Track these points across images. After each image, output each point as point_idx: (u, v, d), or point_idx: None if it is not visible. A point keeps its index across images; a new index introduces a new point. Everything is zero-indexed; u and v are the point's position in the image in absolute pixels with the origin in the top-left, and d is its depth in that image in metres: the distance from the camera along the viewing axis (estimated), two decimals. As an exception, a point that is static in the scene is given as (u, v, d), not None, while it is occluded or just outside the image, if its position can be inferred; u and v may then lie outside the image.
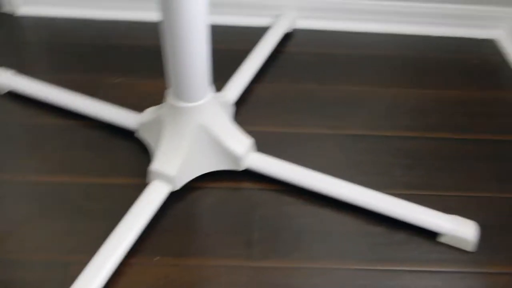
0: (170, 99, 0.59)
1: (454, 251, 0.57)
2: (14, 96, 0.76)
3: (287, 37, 0.93)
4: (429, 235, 0.58)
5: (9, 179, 0.63)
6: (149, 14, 0.96)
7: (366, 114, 0.76)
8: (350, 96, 0.80)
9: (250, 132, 0.71)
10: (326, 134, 0.72)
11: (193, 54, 0.53)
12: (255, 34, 0.93)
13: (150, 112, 0.66)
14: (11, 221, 0.58)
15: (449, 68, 0.87)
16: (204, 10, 0.50)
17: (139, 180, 0.63)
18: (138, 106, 0.75)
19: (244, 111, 0.76)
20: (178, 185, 0.60)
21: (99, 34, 0.92)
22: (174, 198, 0.61)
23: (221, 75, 0.80)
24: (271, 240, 0.57)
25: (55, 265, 0.54)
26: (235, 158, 0.61)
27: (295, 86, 0.81)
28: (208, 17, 0.51)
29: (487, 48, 0.92)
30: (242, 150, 0.61)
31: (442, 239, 0.58)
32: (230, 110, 0.72)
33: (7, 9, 0.97)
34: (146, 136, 0.67)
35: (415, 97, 0.80)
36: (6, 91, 0.77)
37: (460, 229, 0.57)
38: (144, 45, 0.90)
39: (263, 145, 0.69)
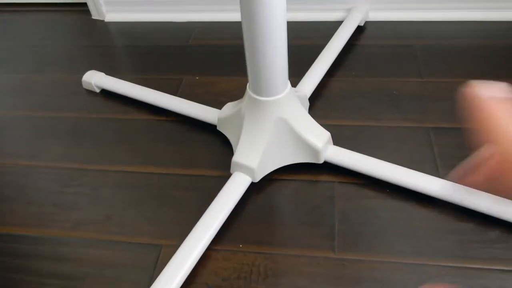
0: (249, 93, 0.61)
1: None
2: (107, 94, 0.84)
3: (360, 30, 0.91)
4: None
5: (106, 169, 0.70)
6: (223, 15, 1.00)
7: (448, 107, 0.73)
8: (430, 89, 0.76)
9: (325, 126, 0.71)
10: (406, 127, 0.70)
11: (273, 49, 0.54)
12: (328, 28, 0.93)
13: (230, 107, 0.69)
14: (112, 206, 0.64)
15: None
16: (283, 6, 0.51)
17: (220, 172, 0.67)
18: (215, 102, 0.79)
19: (319, 105, 0.76)
20: (258, 177, 0.62)
21: (177, 36, 0.98)
22: (253, 189, 0.63)
23: (295, 70, 0.81)
24: (353, 233, 0.57)
25: (149, 248, 0.58)
26: (315, 151, 0.61)
27: (371, 79, 0.80)
28: (286, 13, 0.52)
29: None
30: (321, 143, 0.61)
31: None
32: (306, 104, 0.72)
33: (96, 16, 1.07)
34: (226, 130, 0.70)
35: (503, 88, 0.74)
36: (99, 89, 0.85)
37: None
38: (219, 44, 0.94)
39: (338, 139, 0.68)
